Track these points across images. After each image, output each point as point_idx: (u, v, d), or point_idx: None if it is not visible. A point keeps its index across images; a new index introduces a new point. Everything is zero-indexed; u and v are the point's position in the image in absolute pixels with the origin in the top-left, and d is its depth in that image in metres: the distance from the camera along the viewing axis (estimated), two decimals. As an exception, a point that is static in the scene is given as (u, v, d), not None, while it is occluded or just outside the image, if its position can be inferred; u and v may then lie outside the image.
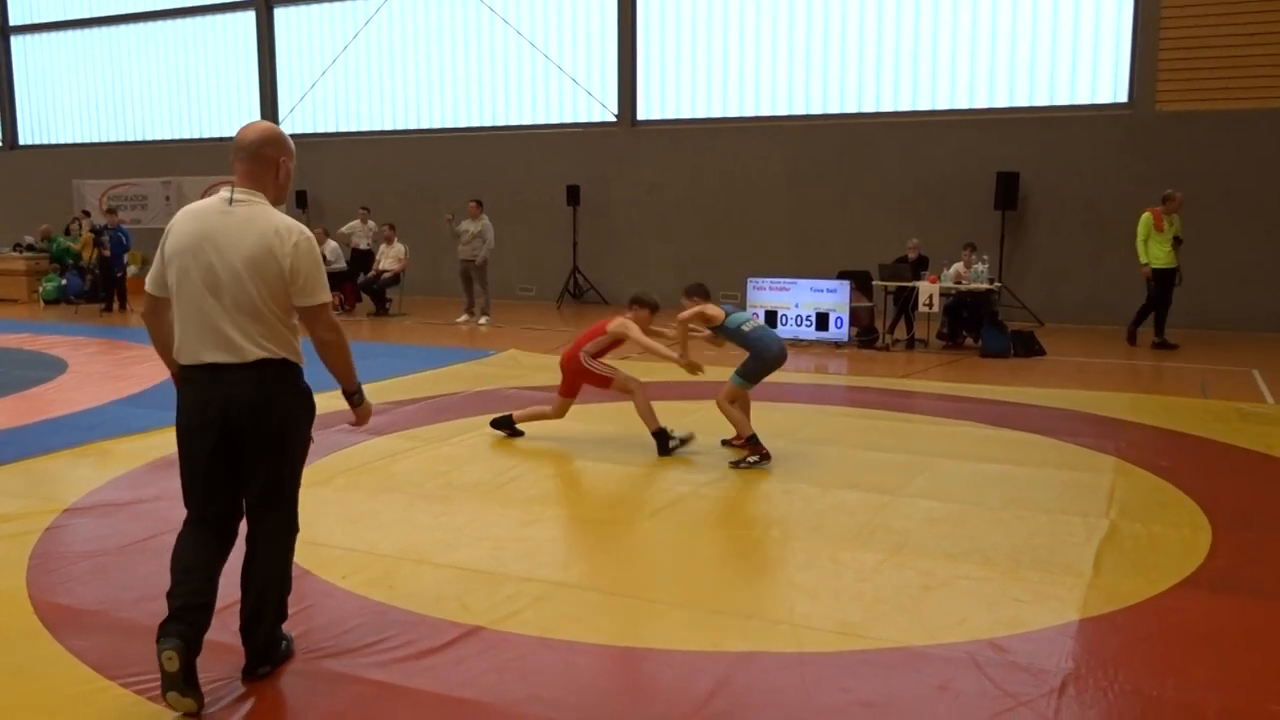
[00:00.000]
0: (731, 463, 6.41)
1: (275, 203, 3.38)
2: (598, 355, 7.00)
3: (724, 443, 6.87)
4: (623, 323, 6.90)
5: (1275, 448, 6.89)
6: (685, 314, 6.64)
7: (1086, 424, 7.67)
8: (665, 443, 6.69)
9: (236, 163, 3.35)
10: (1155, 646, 3.81)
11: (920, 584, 4.43)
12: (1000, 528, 5.21)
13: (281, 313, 3.32)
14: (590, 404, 8.34)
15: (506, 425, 7.24)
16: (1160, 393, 9.02)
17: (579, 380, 7.06)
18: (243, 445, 3.32)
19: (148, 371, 9.86)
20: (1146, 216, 11.82)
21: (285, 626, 3.63)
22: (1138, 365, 10.76)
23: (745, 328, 6.62)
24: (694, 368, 6.69)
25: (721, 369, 7.66)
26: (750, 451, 6.39)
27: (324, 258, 15.37)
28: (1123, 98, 14.11)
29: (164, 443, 7.00)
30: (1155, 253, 11.75)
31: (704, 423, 7.16)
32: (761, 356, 6.54)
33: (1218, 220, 13.41)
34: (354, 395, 3.58)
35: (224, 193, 3.32)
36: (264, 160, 3.35)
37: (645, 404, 6.81)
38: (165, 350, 3.46)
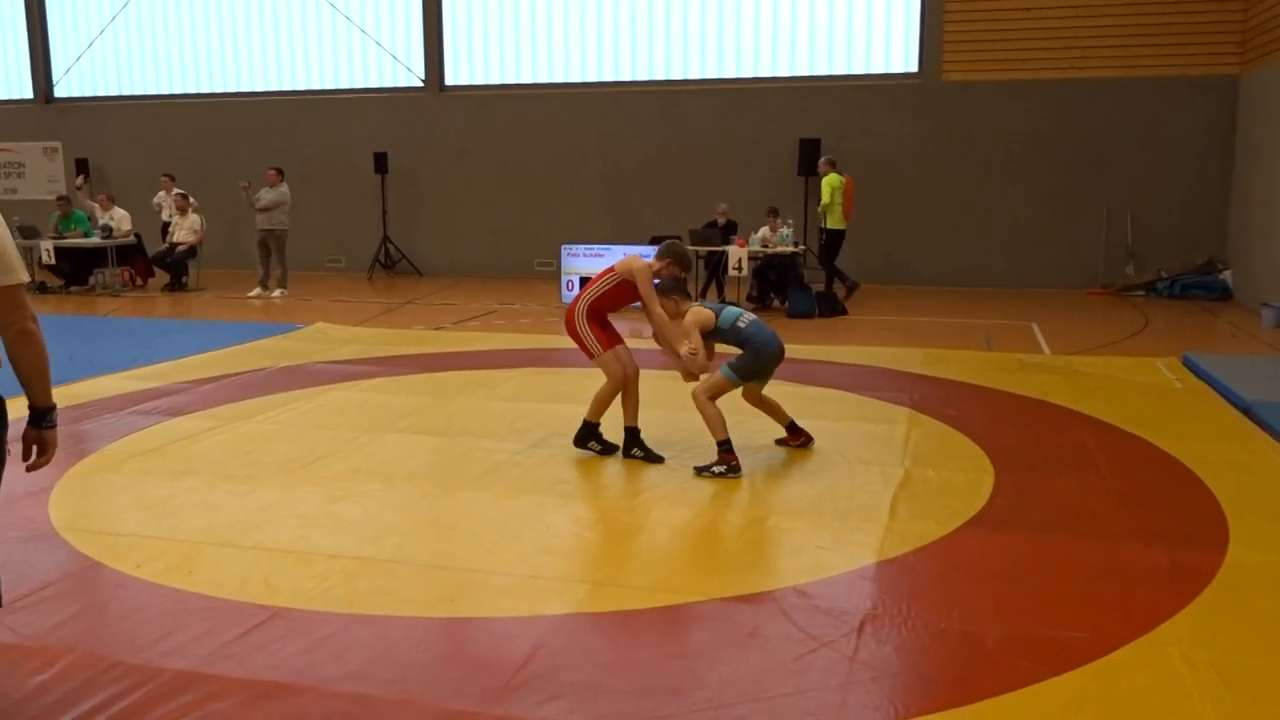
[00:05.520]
0: (696, 468, 5.59)
1: None
2: (596, 308, 5.97)
3: (779, 441, 6.12)
4: (631, 262, 5.87)
5: (1051, 394, 7.46)
6: (687, 323, 5.78)
7: (884, 379, 8.08)
8: (586, 438, 5.90)
9: None
10: (943, 583, 4.08)
11: (731, 537, 4.59)
12: (805, 479, 5.44)
13: None
14: (405, 375, 8.17)
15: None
16: (950, 347, 9.59)
17: (578, 339, 5.98)
18: None
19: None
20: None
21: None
22: (931, 323, 11.39)
23: (740, 324, 5.79)
24: (703, 369, 5.80)
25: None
26: (719, 460, 5.58)
27: (109, 228, 14.51)
28: (913, 68, 14.80)
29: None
30: None
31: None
32: (761, 352, 5.76)
33: (998, 184, 14.35)
34: (48, 414, 2.81)
35: None
36: None
37: (610, 395, 5.86)
38: None
